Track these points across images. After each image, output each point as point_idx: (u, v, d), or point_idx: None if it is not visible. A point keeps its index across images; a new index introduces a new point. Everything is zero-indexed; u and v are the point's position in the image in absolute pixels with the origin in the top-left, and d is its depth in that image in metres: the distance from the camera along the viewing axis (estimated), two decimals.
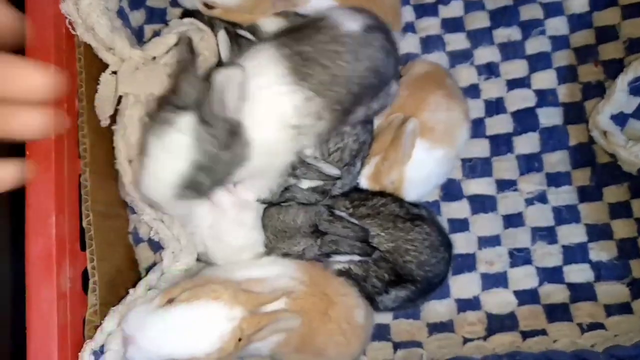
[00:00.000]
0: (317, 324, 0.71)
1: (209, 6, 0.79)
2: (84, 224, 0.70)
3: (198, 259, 0.77)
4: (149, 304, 0.63)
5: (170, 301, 0.62)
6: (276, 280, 0.68)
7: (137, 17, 0.90)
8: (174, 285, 0.65)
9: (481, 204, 0.90)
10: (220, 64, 0.81)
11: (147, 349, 0.60)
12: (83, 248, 0.70)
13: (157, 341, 0.60)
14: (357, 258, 0.76)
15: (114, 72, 0.73)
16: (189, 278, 0.71)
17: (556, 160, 0.91)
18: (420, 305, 0.85)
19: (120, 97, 0.72)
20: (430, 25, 0.96)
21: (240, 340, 0.62)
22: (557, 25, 0.94)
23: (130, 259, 0.80)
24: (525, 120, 0.92)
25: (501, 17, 0.95)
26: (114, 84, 0.72)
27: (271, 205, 0.77)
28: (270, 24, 0.80)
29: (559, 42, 0.94)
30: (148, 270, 0.78)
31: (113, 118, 0.73)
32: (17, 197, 0.68)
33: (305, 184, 0.77)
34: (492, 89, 0.94)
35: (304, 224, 0.76)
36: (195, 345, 0.60)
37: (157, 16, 0.93)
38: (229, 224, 0.74)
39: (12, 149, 0.68)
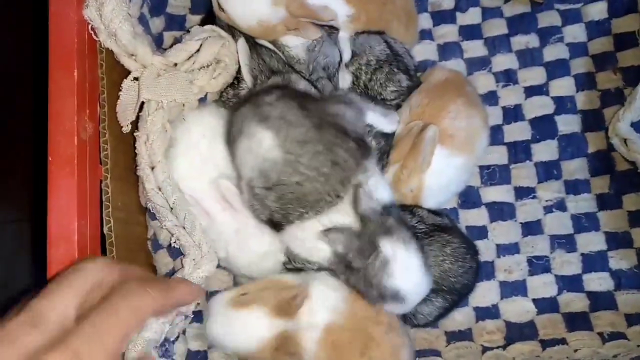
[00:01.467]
0: None
1: (221, 7, 0.79)
2: (105, 231, 0.70)
3: (218, 266, 0.77)
4: (229, 292, 0.74)
5: (243, 294, 0.72)
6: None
7: (156, 23, 0.90)
8: (251, 282, 0.76)
9: (499, 211, 0.90)
10: (239, 71, 0.82)
11: (210, 336, 0.73)
12: (104, 254, 0.70)
13: (215, 333, 0.72)
14: None
15: (136, 79, 0.73)
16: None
17: (575, 168, 0.90)
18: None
19: (142, 104, 0.72)
20: (447, 33, 0.96)
21: (276, 350, 0.67)
22: (575, 33, 0.94)
23: (149, 266, 0.80)
24: (543, 127, 0.91)
25: (519, 24, 0.95)
26: (136, 90, 0.72)
27: None
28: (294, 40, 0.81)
29: (577, 50, 0.93)
30: (167, 276, 0.77)
31: (134, 124, 0.73)
32: (39, 203, 0.68)
33: None
34: (510, 96, 0.93)
35: None
36: (241, 341, 0.71)
37: (177, 23, 0.94)
38: (253, 231, 0.74)
39: (36, 155, 0.68)
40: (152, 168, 0.71)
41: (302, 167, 0.67)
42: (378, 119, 0.81)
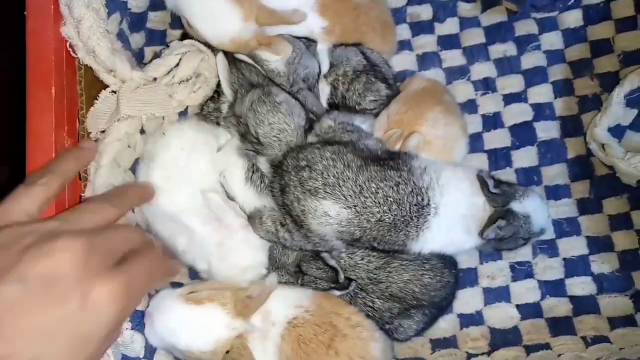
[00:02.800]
0: (318, 356, 0.71)
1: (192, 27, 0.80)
2: None
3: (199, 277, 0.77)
4: (175, 290, 0.72)
5: (191, 293, 0.71)
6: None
7: (137, 39, 0.91)
8: (201, 282, 0.76)
9: None
10: (219, 85, 0.83)
11: (158, 333, 0.70)
12: None
13: (167, 329, 0.69)
14: (337, 292, 0.77)
15: (114, 92, 0.74)
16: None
17: (555, 174, 0.91)
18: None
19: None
20: (426, 43, 0.97)
21: (227, 352, 0.68)
22: (552, 40, 0.95)
23: None
24: (522, 134, 0.92)
25: (496, 33, 0.96)
26: (112, 102, 0.73)
27: None
28: (270, 57, 0.81)
29: (555, 57, 0.95)
30: None
31: None
32: None
33: None
34: (489, 104, 0.94)
35: (292, 263, 0.79)
36: (194, 341, 0.69)
37: (157, 38, 0.95)
38: (238, 244, 0.75)
39: (14, 171, 0.69)
40: (96, 169, 0.71)
41: (373, 208, 0.71)
42: (360, 125, 0.82)
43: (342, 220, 0.71)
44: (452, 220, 0.74)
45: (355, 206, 0.71)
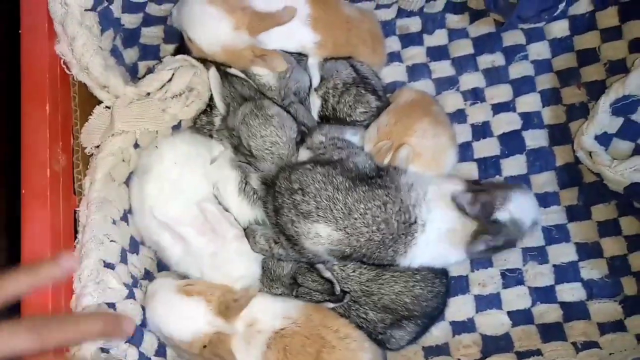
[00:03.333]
0: None
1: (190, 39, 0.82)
2: None
3: None
4: (174, 279, 0.77)
5: (189, 285, 0.75)
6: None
7: (130, 54, 0.93)
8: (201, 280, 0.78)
9: None
10: (212, 98, 0.84)
11: (150, 317, 0.74)
12: None
13: (155, 313, 0.73)
14: (331, 305, 0.79)
15: (108, 107, 0.75)
16: None
17: (544, 181, 0.92)
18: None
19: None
20: (416, 54, 0.99)
21: (204, 347, 0.70)
22: (540, 50, 0.97)
23: None
24: (511, 143, 0.94)
25: (484, 43, 0.98)
26: (106, 117, 0.74)
27: None
28: (262, 72, 0.83)
29: (542, 66, 0.96)
30: None
31: None
32: (13, 234, 0.69)
33: None
34: (478, 113, 0.96)
35: (287, 274, 0.80)
36: (175, 329, 0.72)
37: (151, 53, 0.96)
38: (231, 255, 0.76)
39: (9, 187, 0.70)
40: (91, 183, 0.72)
41: (362, 228, 0.73)
42: (351, 139, 0.84)
43: (333, 241, 0.73)
44: (440, 235, 0.75)
45: (345, 228, 0.72)
